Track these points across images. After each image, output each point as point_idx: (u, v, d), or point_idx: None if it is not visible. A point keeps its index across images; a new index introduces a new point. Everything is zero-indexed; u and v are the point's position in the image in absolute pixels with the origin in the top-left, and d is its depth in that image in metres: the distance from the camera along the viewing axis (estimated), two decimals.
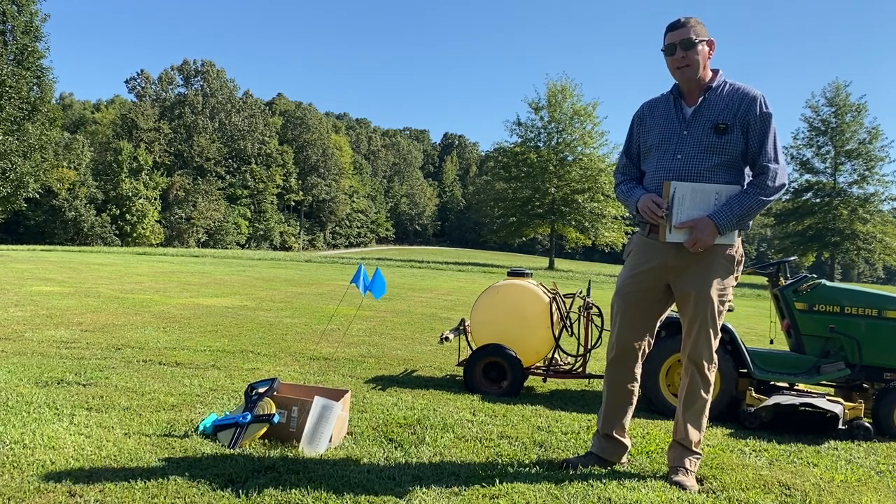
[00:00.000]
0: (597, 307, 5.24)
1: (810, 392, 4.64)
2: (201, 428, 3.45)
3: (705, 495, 2.91)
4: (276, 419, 3.31)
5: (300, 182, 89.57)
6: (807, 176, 46.40)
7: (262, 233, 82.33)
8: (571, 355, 5.29)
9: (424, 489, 2.79)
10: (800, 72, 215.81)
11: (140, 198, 67.22)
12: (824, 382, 4.65)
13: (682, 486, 2.95)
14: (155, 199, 69.99)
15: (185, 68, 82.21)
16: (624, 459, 3.32)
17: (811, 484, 3.14)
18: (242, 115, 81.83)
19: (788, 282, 4.78)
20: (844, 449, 3.84)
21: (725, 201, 2.98)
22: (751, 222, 3.14)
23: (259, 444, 3.29)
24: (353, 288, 5.95)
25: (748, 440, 3.91)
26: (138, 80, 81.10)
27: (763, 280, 5.32)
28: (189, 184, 74.26)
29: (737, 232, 3.06)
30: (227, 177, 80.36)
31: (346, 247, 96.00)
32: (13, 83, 27.97)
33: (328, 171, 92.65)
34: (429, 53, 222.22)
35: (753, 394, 4.42)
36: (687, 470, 3.06)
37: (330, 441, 3.30)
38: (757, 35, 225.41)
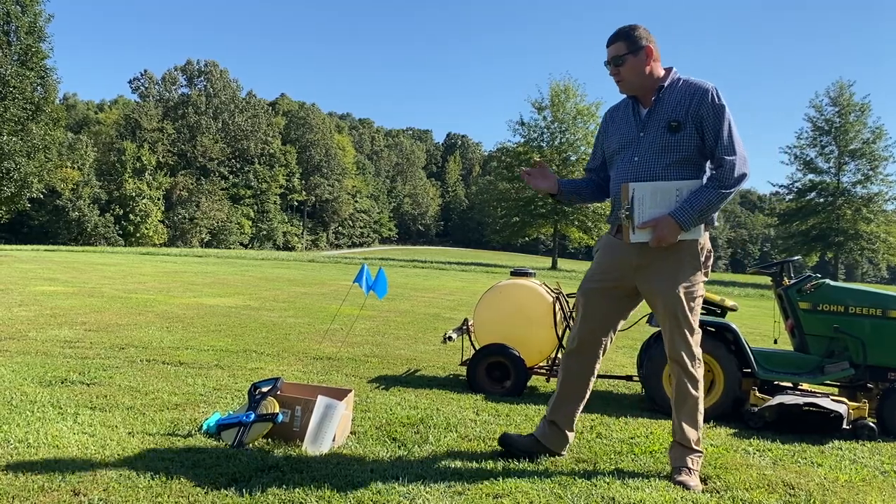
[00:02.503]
0: None
1: (814, 392, 4.63)
2: (205, 427, 3.45)
3: (709, 495, 2.91)
4: (279, 418, 3.31)
5: (303, 182, 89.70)
6: (810, 176, 46.32)
7: (265, 233, 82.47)
8: None
9: (428, 488, 2.79)
10: (803, 72, 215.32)
11: (143, 198, 67.41)
12: (828, 382, 4.63)
13: (685, 486, 2.95)
14: (158, 199, 70.18)
15: (188, 68, 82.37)
16: (564, 452, 3.33)
17: (815, 484, 3.13)
18: (245, 115, 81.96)
19: (792, 281, 4.77)
20: (849, 449, 3.83)
21: (686, 197, 2.98)
22: (717, 217, 3.13)
23: (262, 444, 3.29)
24: (357, 288, 5.95)
25: (752, 440, 3.90)
26: (142, 81, 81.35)
27: (767, 280, 5.31)
28: (192, 184, 74.41)
29: (703, 226, 3.06)
30: (231, 177, 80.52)
31: (349, 247, 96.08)
32: (17, 83, 28.02)
33: (331, 171, 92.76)
34: (431, 53, 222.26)
35: (757, 393, 4.41)
36: (689, 469, 3.06)
37: (333, 440, 3.30)
38: (760, 34, 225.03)
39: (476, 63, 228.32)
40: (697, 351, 3.13)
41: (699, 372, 3.13)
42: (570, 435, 3.37)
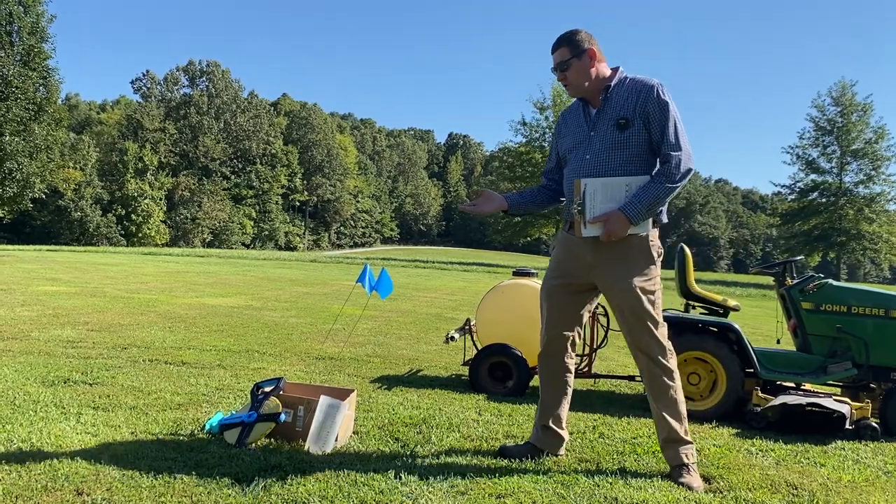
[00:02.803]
0: (602, 307, 5.23)
1: (817, 392, 4.62)
2: (207, 427, 3.46)
3: (712, 495, 2.90)
4: (282, 418, 3.31)
5: (305, 182, 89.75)
6: (813, 176, 46.24)
7: (266, 233, 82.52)
8: (577, 355, 5.27)
9: (430, 488, 2.79)
10: (806, 71, 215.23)
11: (145, 198, 67.48)
12: (831, 382, 4.62)
13: (689, 488, 2.95)
14: (160, 199, 70.26)
15: (190, 69, 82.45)
16: (561, 452, 3.36)
17: (818, 484, 3.13)
18: (247, 115, 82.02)
19: (795, 281, 4.76)
20: (851, 449, 3.82)
21: (635, 192, 3.04)
22: (664, 213, 3.20)
23: (265, 444, 3.29)
24: (359, 288, 5.96)
25: (755, 440, 3.90)
26: (144, 81, 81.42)
27: (769, 280, 5.29)
28: (194, 184, 74.49)
29: (651, 223, 3.10)
30: (232, 177, 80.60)
31: (351, 247, 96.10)
32: (19, 84, 28.04)
33: (333, 172, 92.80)
34: (433, 54, 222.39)
35: (760, 393, 4.40)
36: (688, 467, 3.07)
37: (336, 440, 3.30)
38: (763, 34, 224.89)
39: (478, 63, 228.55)
40: (667, 343, 3.15)
41: (672, 363, 3.15)
42: (565, 433, 3.40)
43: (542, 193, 3.51)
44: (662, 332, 3.13)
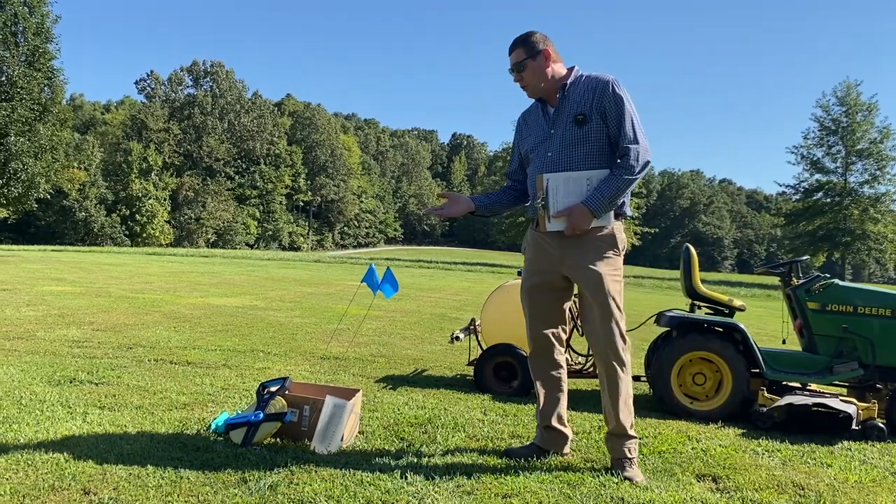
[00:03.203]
0: None
1: (823, 392, 4.61)
2: (213, 426, 3.46)
3: (719, 495, 2.90)
4: (288, 418, 3.31)
5: (309, 182, 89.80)
6: (817, 176, 46.19)
7: (270, 233, 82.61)
8: (582, 355, 5.28)
9: (436, 488, 2.79)
10: (810, 71, 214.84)
11: (150, 198, 67.61)
12: (837, 382, 4.61)
13: (632, 480, 2.98)
14: (164, 199, 70.38)
15: (194, 69, 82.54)
16: (566, 450, 3.36)
17: (825, 484, 3.12)
18: (251, 115, 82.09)
19: (801, 281, 4.75)
20: (858, 449, 3.82)
21: (596, 186, 3.09)
22: (627, 207, 3.25)
23: (271, 443, 3.29)
24: (363, 288, 5.96)
25: (761, 440, 3.89)
26: (148, 81, 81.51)
27: (773, 280, 5.28)
28: (198, 184, 74.60)
29: (613, 215, 3.15)
30: (236, 177, 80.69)
31: (355, 247, 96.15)
32: (24, 84, 28.10)
33: (337, 172, 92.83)
34: (436, 54, 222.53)
35: (766, 394, 4.39)
36: (631, 460, 3.09)
37: (342, 440, 3.30)
38: (767, 34, 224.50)
39: (481, 63, 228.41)
40: (625, 334, 3.17)
41: (627, 355, 3.17)
42: (569, 431, 3.41)
43: (507, 194, 3.55)
44: (622, 323, 3.17)
